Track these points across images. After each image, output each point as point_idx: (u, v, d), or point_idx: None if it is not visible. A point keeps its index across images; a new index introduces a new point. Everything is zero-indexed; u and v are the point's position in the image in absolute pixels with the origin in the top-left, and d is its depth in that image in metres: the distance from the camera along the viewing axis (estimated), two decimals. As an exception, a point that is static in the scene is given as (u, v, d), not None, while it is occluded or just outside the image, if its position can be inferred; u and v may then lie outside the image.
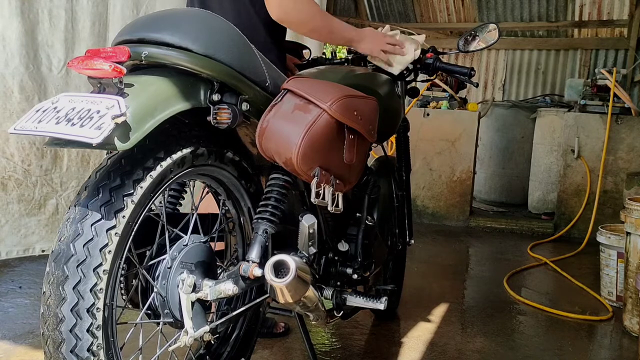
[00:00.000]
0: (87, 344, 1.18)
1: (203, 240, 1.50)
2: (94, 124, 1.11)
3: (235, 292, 1.44)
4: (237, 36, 1.47)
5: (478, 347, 2.40)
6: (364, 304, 1.93)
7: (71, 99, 1.20)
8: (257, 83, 1.50)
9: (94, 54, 1.21)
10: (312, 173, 1.50)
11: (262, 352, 2.19)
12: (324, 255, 1.88)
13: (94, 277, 1.18)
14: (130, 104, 1.18)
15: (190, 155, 1.40)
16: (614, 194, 4.51)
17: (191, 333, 1.38)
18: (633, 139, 4.52)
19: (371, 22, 7.48)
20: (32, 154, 2.68)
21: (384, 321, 2.62)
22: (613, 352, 2.50)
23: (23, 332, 2.28)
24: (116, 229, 1.21)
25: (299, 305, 1.65)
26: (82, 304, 1.17)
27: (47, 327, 1.19)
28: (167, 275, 1.40)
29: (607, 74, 4.60)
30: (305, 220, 1.61)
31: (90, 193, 1.22)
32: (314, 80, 1.65)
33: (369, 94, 1.72)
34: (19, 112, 2.61)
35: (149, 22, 1.40)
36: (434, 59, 2.18)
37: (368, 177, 2.11)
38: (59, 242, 1.20)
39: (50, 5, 2.69)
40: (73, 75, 2.78)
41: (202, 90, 1.38)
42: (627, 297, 2.70)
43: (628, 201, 2.75)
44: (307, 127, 1.47)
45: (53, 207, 2.78)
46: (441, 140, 4.97)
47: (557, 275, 3.55)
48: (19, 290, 2.74)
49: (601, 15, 6.67)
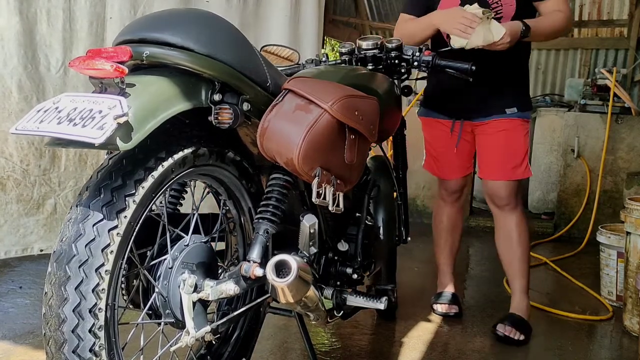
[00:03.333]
0: (89, 344, 1.18)
1: (204, 241, 1.50)
2: (96, 124, 1.11)
3: (236, 292, 1.44)
4: (238, 36, 1.47)
5: (478, 347, 2.40)
6: (364, 303, 1.93)
7: (73, 99, 1.20)
8: (258, 83, 1.50)
9: (96, 53, 1.21)
10: (313, 173, 1.50)
11: (262, 352, 2.19)
12: (323, 255, 1.88)
13: (96, 277, 1.18)
14: (132, 104, 1.18)
15: (192, 155, 1.40)
16: (614, 193, 4.51)
17: (192, 333, 1.38)
18: (633, 138, 4.52)
19: (371, 22, 7.48)
20: (30, 153, 2.68)
21: (384, 321, 2.62)
22: (613, 352, 2.50)
23: (23, 332, 2.27)
24: (118, 229, 1.21)
25: (300, 305, 1.65)
26: (85, 305, 1.17)
27: (49, 327, 1.19)
28: (169, 275, 1.40)
29: (607, 73, 4.61)
30: (307, 220, 1.61)
31: (91, 193, 1.22)
32: (315, 80, 1.65)
33: (369, 94, 1.73)
34: (18, 112, 2.61)
35: (150, 21, 1.40)
36: (432, 56, 2.17)
37: (368, 176, 2.11)
38: (61, 242, 1.20)
39: (48, 5, 2.69)
40: (71, 75, 2.77)
41: (203, 90, 1.38)
42: (627, 297, 2.70)
43: (628, 201, 2.75)
44: (308, 127, 1.47)
45: (51, 206, 2.78)
46: (441, 140, 4.96)
47: (557, 275, 3.55)
48: (19, 290, 2.74)
49: (601, 15, 6.67)
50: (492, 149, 2.54)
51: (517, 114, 2.47)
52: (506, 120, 2.47)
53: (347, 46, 2.18)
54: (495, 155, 2.53)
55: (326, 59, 2.24)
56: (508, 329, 2.45)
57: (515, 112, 2.46)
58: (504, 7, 2.37)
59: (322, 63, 2.21)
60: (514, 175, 2.51)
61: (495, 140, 2.52)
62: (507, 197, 2.53)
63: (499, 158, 2.52)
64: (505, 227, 2.58)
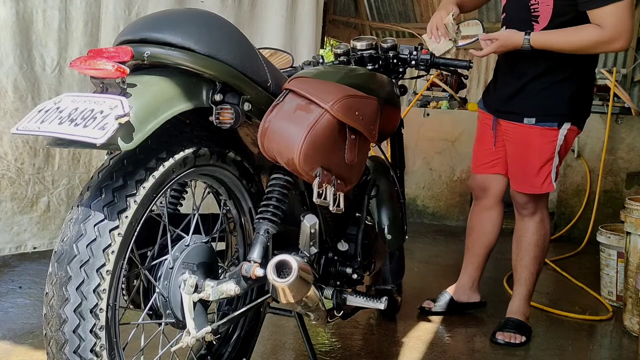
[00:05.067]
0: (90, 344, 1.18)
1: (204, 241, 1.50)
2: (97, 124, 1.11)
3: (237, 292, 1.44)
4: (239, 36, 1.47)
5: (478, 347, 2.40)
6: (364, 303, 1.93)
7: (74, 99, 1.20)
8: (259, 83, 1.50)
9: (97, 53, 1.21)
10: (314, 173, 1.50)
11: (262, 352, 2.19)
12: (324, 255, 1.88)
13: (97, 277, 1.18)
14: (134, 104, 1.18)
15: (193, 155, 1.39)
16: (614, 193, 4.51)
17: (193, 333, 1.38)
18: (633, 138, 4.52)
19: (371, 22, 7.49)
20: (25, 152, 2.68)
21: (384, 321, 2.62)
22: (613, 352, 2.50)
23: (23, 332, 2.27)
24: (119, 229, 1.21)
25: (300, 305, 1.65)
26: (86, 305, 1.17)
27: (50, 327, 1.19)
28: (169, 275, 1.40)
29: (607, 73, 4.61)
30: (307, 220, 1.61)
31: (92, 193, 1.22)
32: (316, 80, 1.65)
33: (369, 94, 1.73)
34: (13, 111, 2.61)
35: (151, 22, 1.40)
36: (430, 54, 2.18)
37: (368, 176, 2.11)
38: (62, 242, 1.20)
39: (44, 6, 2.69)
40: (66, 75, 2.78)
41: (204, 90, 1.38)
42: (627, 297, 2.70)
43: (628, 201, 2.75)
44: (309, 127, 1.47)
45: (45, 204, 2.79)
46: (441, 140, 4.97)
47: (557, 275, 3.55)
48: (19, 291, 2.74)
49: (601, 15, 6.65)
50: (509, 154, 2.50)
51: (536, 123, 2.36)
52: (525, 129, 2.38)
53: (342, 47, 2.18)
54: (513, 163, 2.48)
55: (322, 61, 2.23)
56: (508, 335, 2.42)
57: (533, 122, 2.36)
58: (541, 6, 2.29)
59: (319, 64, 2.21)
60: (528, 189, 2.43)
61: (512, 146, 2.47)
62: (523, 204, 2.48)
63: (515, 166, 2.47)
64: (518, 231, 2.55)
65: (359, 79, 1.93)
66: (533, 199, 2.46)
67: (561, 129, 2.37)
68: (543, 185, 2.40)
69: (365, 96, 1.68)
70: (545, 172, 2.39)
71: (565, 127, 2.37)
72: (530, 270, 2.49)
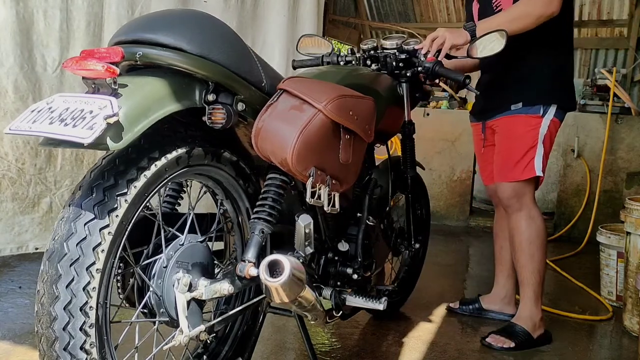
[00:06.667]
0: (80, 342, 1.19)
1: (200, 240, 1.51)
2: (86, 124, 1.12)
3: (231, 292, 1.45)
4: (233, 36, 1.48)
5: (478, 347, 2.39)
6: (364, 304, 1.92)
7: (65, 100, 1.20)
8: (253, 83, 1.50)
9: (88, 54, 1.22)
10: (308, 173, 1.51)
11: (262, 352, 2.19)
12: (323, 255, 1.88)
13: (86, 275, 1.18)
14: (124, 104, 1.19)
15: (186, 155, 1.40)
16: (614, 193, 4.50)
17: (186, 332, 1.38)
18: (633, 138, 4.51)
19: (371, 22, 7.49)
20: (26, 152, 2.68)
21: (384, 321, 2.62)
22: (613, 352, 2.49)
23: (23, 332, 2.28)
24: (109, 228, 1.22)
25: (295, 305, 1.65)
26: (75, 302, 1.18)
27: (40, 325, 1.20)
28: (163, 274, 1.40)
29: (607, 73, 4.60)
30: (302, 220, 1.61)
31: (84, 192, 1.23)
32: (311, 80, 1.65)
33: (368, 94, 1.73)
34: (13, 111, 2.62)
35: (144, 22, 1.40)
36: (434, 63, 2.10)
37: (370, 177, 2.10)
38: (53, 241, 1.21)
39: (45, 5, 2.70)
40: (67, 75, 2.78)
41: (197, 90, 1.39)
42: (627, 297, 2.69)
43: (628, 201, 2.74)
44: (302, 127, 1.47)
45: (47, 205, 2.79)
46: (441, 140, 4.97)
47: (557, 275, 3.55)
48: (19, 290, 2.74)
49: (601, 15, 6.66)
50: (496, 151, 2.48)
51: (522, 109, 2.36)
52: (511, 118, 2.39)
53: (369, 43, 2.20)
54: (497, 156, 2.47)
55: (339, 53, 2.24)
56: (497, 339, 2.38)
57: (520, 108, 2.36)
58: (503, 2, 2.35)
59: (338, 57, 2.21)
60: (510, 177, 2.39)
61: (499, 139, 2.47)
62: (507, 198, 2.41)
63: (499, 158, 2.45)
64: (510, 231, 2.48)
65: (357, 79, 1.93)
66: (516, 192, 2.40)
67: (545, 116, 2.36)
68: (524, 172, 2.36)
69: (360, 96, 1.68)
70: (527, 159, 2.36)
71: (551, 113, 2.36)
72: (529, 269, 2.41)
